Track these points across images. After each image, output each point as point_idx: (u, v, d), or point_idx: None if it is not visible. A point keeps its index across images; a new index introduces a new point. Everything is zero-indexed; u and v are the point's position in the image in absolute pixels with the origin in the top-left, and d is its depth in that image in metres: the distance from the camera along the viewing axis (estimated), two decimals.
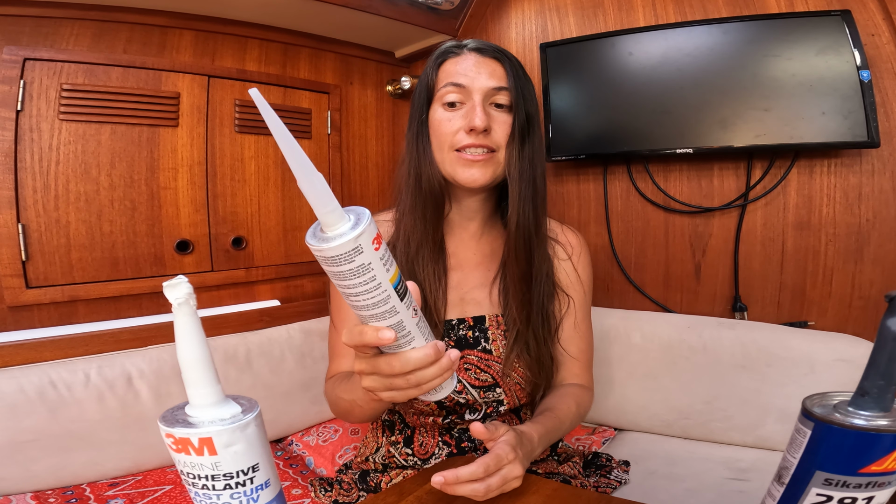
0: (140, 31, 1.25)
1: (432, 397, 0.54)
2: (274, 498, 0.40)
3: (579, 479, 0.88)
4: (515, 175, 0.78)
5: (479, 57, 0.77)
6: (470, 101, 0.76)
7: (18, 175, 1.09)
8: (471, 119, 0.74)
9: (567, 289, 0.87)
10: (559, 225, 0.91)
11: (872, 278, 1.15)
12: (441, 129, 0.77)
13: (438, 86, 0.78)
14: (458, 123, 0.76)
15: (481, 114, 0.74)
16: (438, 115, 0.78)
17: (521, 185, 0.78)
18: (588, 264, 0.91)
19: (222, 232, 1.39)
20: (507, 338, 0.80)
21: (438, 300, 0.80)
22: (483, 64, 0.77)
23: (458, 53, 0.79)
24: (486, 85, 0.76)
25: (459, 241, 0.86)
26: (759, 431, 1.09)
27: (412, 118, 0.82)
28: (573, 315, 0.87)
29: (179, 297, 0.35)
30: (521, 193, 0.78)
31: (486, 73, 0.76)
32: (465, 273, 0.85)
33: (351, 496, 0.87)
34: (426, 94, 0.79)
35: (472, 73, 0.76)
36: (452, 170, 0.78)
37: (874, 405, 0.37)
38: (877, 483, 0.36)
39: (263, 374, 1.25)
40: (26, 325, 1.12)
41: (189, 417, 0.38)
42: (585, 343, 0.90)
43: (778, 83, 1.13)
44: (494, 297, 0.84)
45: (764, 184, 1.24)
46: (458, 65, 0.77)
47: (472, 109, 0.75)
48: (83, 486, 1.00)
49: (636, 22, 1.37)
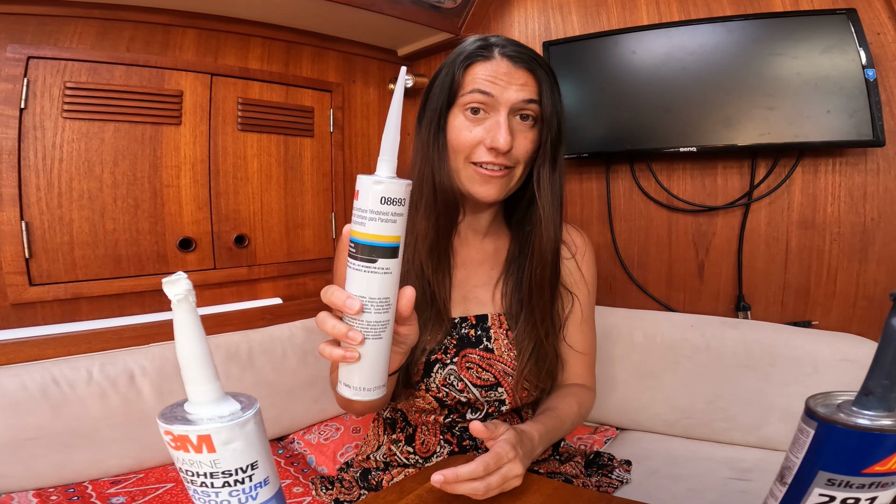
0: (143, 29, 1.25)
1: (340, 388, 0.51)
2: (273, 496, 0.40)
3: (581, 479, 0.88)
4: (548, 198, 0.77)
5: (511, 65, 0.72)
6: (494, 115, 0.72)
7: (22, 173, 1.10)
8: (494, 137, 0.70)
9: (571, 287, 0.87)
10: (563, 224, 0.90)
11: (877, 278, 1.14)
12: (460, 139, 0.73)
13: (464, 90, 0.73)
14: (478, 135, 0.72)
15: (506, 133, 0.70)
16: (459, 122, 0.74)
17: (554, 207, 0.77)
18: (592, 264, 0.90)
19: (225, 230, 1.39)
20: (518, 343, 0.80)
21: (444, 298, 0.80)
22: (514, 73, 0.72)
23: (490, 57, 0.72)
24: (515, 97, 0.71)
25: (464, 240, 0.86)
26: (762, 431, 1.09)
27: (428, 118, 0.76)
28: (577, 314, 0.87)
29: (179, 293, 0.35)
30: (553, 217, 0.77)
31: (516, 85, 0.71)
32: (468, 271, 0.85)
33: (352, 494, 0.87)
34: (448, 96, 0.74)
35: (502, 83, 0.71)
36: (469, 184, 0.75)
37: (878, 405, 0.36)
38: (880, 483, 0.36)
39: (265, 372, 1.25)
40: (29, 322, 1.12)
41: (188, 414, 0.37)
42: (589, 342, 0.89)
43: (783, 82, 1.12)
44: (498, 297, 0.83)
45: (768, 182, 1.24)
46: (488, 70, 0.72)
47: (495, 125, 0.71)
48: (85, 483, 1.00)
49: (639, 20, 1.37)
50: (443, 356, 0.79)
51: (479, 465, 0.55)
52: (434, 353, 0.79)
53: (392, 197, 0.44)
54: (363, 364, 0.49)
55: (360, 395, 0.50)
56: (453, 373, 0.79)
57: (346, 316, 0.48)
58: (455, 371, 0.79)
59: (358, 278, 0.46)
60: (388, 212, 0.44)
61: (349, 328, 0.47)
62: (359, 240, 0.45)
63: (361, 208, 0.45)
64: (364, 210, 0.44)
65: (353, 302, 0.46)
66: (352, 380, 0.50)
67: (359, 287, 0.46)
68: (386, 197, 0.44)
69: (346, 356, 0.48)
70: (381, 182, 0.44)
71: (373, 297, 0.47)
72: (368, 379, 0.49)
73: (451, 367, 0.79)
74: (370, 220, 0.44)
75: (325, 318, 0.50)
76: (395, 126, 0.45)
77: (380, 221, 0.44)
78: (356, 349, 0.48)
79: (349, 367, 0.49)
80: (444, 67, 0.76)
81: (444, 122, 0.75)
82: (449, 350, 0.79)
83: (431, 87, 0.77)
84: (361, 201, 0.44)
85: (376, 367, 0.49)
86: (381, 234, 0.45)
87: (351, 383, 0.50)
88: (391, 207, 0.44)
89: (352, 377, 0.50)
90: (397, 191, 0.44)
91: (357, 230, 0.45)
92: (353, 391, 0.50)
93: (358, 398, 0.50)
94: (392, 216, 0.44)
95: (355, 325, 0.47)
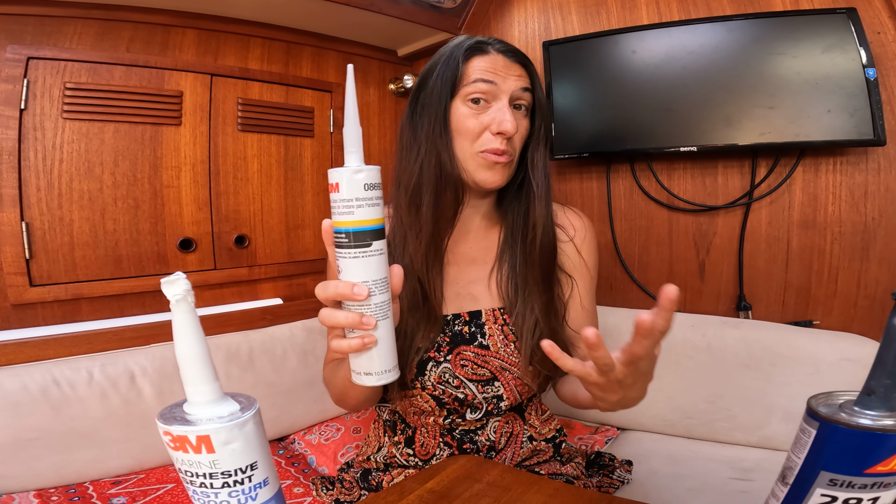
0: (143, 29, 1.25)
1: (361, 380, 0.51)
2: (272, 496, 0.40)
3: (582, 480, 0.87)
4: (542, 177, 0.80)
5: (507, 60, 0.77)
6: (496, 102, 0.76)
7: (22, 173, 1.10)
8: (500, 121, 0.74)
9: (570, 271, 0.86)
10: (561, 207, 0.89)
11: (878, 277, 1.14)
12: (466, 127, 0.76)
13: (467, 80, 0.76)
14: (483, 122, 0.75)
15: (511, 118, 0.74)
16: (463, 111, 0.76)
17: (546, 186, 0.80)
18: (594, 247, 0.89)
19: (225, 230, 1.39)
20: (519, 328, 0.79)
21: (438, 296, 0.80)
22: (511, 66, 0.77)
23: (487, 52, 0.77)
24: (514, 86, 0.76)
25: (457, 237, 0.85)
26: (763, 431, 1.08)
27: (429, 109, 0.77)
28: (578, 297, 0.86)
29: (177, 293, 0.35)
30: (546, 196, 0.80)
31: (514, 76, 0.76)
32: (461, 268, 0.84)
33: (352, 495, 0.87)
34: (450, 87, 0.76)
35: (502, 73, 0.76)
36: (475, 171, 0.77)
37: (880, 405, 0.36)
38: (882, 483, 0.36)
39: (266, 373, 1.25)
40: (30, 323, 1.12)
41: (187, 415, 0.37)
42: (592, 321, 0.88)
43: (783, 81, 1.12)
44: (493, 288, 0.83)
45: (769, 182, 1.23)
46: (488, 62, 0.76)
47: (501, 111, 0.74)
48: (86, 484, 1.00)
49: (639, 20, 1.37)
50: (436, 354, 0.79)
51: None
52: (427, 352, 0.79)
53: (374, 182, 0.47)
54: (380, 346, 0.50)
55: (385, 378, 0.51)
56: (448, 371, 0.79)
57: (352, 304, 0.49)
58: (449, 369, 0.79)
59: (356, 265, 0.47)
60: (372, 196, 0.47)
61: (362, 315, 0.48)
62: (350, 228, 0.47)
63: (346, 198, 0.46)
64: (350, 199, 0.46)
65: (361, 288, 0.47)
66: (372, 366, 0.50)
67: (359, 273, 0.48)
68: (368, 183, 0.46)
69: (365, 343, 0.48)
70: (361, 171, 0.46)
71: (375, 280, 0.48)
72: (388, 360, 0.51)
73: (446, 366, 0.79)
74: (358, 208, 0.46)
75: (331, 312, 0.49)
76: (354, 119, 0.47)
77: (368, 206, 0.47)
78: (373, 333, 0.49)
79: (367, 353, 0.50)
80: (439, 62, 0.78)
81: (448, 112, 0.77)
82: (442, 348, 0.79)
83: (426, 81, 0.79)
84: (345, 192, 0.46)
85: (391, 346, 0.51)
86: (371, 217, 0.47)
87: (372, 370, 0.50)
88: (374, 192, 0.47)
89: (371, 363, 0.50)
90: (376, 176, 0.47)
91: (345, 220, 0.47)
92: (376, 377, 0.51)
93: (382, 382, 0.51)
94: (376, 200, 0.47)
95: (364, 310, 0.48)
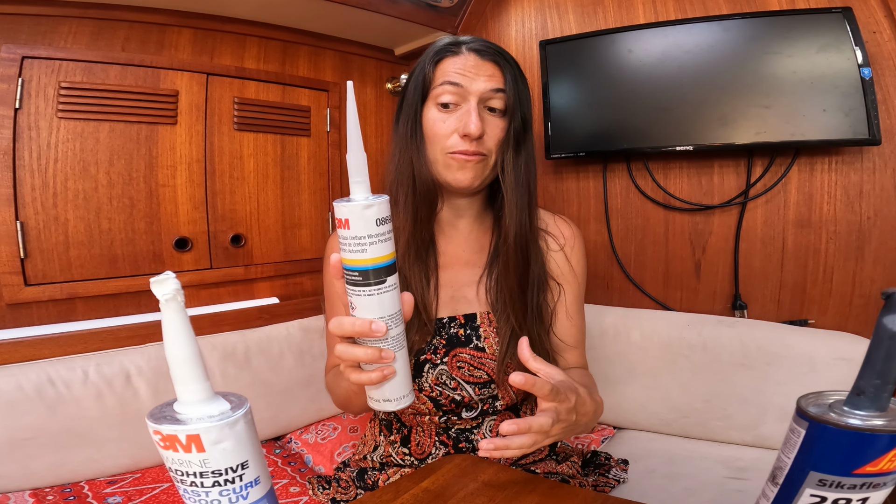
0: (138, 28, 1.24)
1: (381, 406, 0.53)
2: (264, 496, 0.40)
3: (578, 479, 0.87)
4: (511, 182, 0.78)
5: (479, 59, 0.76)
6: (465, 104, 0.75)
7: (17, 173, 1.09)
8: (465, 124, 0.74)
9: (559, 279, 0.86)
10: (551, 216, 0.90)
11: (873, 276, 1.14)
12: (434, 130, 0.77)
13: (435, 83, 0.77)
14: (451, 125, 0.76)
15: (476, 120, 0.73)
16: (432, 114, 0.77)
17: (518, 192, 0.79)
18: (582, 255, 0.90)
19: (221, 229, 1.39)
20: (499, 335, 0.80)
21: (428, 298, 0.80)
22: (482, 66, 0.76)
23: (457, 52, 0.77)
24: (483, 87, 0.75)
25: (449, 239, 0.86)
26: (759, 430, 1.09)
27: (404, 114, 0.80)
28: (565, 305, 0.87)
29: (167, 292, 0.35)
30: (518, 202, 0.79)
31: (484, 76, 0.75)
32: (455, 271, 0.85)
33: (349, 494, 0.87)
34: (421, 91, 0.78)
35: (470, 74, 0.75)
36: (445, 171, 0.78)
37: (870, 405, 0.36)
38: (872, 484, 0.36)
39: (262, 372, 1.25)
40: (25, 322, 1.12)
41: (177, 414, 0.37)
42: (578, 330, 0.89)
43: (779, 80, 1.12)
44: (482, 293, 0.83)
45: (764, 181, 1.24)
46: (457, 64, 0.76)
47: (466, 114, 0.74)
48: (81, 483, 1.00)
49: (636, 19, 1.37)
50: (432, 356, 0.79)
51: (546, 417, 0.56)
52: (423, 354, 0.79)
53: (385, 216, 0.45)
54: (398, 375, 0.50)
55: (403, 403, 0.52)
56: (445, 372, 0.79)
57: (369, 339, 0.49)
58: (446, 371, 0.79)
59: (372, 303, 0.47)
60: (384, 231, 0.45)
61: (381, 349, 0.48)
62: (363, 267, 0.45)
63: (358, 236, 0.44)
64: (362, 237, 0.44)
65: (379, 325, 0.47)
66: (392, 393, 0.51)
67: (375, 310, 0.47)
68: (380, 218, 0.45)
69: (385, 375, 0.49)
70: (371, 205, 0.44)
71: (391, 314, 0.48)
72: (405, 385, 0.51)
73: (442, 368, 0.79)
74: (371, 245, 0.45)
75: (347, 349, 0.50)
76: (358, 144, 0.44)
77: (380, 243, 0.45)
78: (391, 365, 0.49)
79: (386, 382, 0.50)
80: (417, 66, 0.80)
81: (420, 116, 0.78)
82: (438, 350, 0.79)
83: (407, 85, 0.81)
84: (355, 229, 0.44)
85: (407, 372, 0.52)
86: (384, 254, 0.45)
87: (391, 396, 0.51)
88: (385, 226, 0.45)
89: (391, 391, 0.51)
90: (386, 209, 0.45)
91: (357, 258, 0.45)
92: (395, 403, 0.51)
93: (401, 406, 0.52)
94: (388, 234, 0.46)
95: (381, 345, 0.48)
